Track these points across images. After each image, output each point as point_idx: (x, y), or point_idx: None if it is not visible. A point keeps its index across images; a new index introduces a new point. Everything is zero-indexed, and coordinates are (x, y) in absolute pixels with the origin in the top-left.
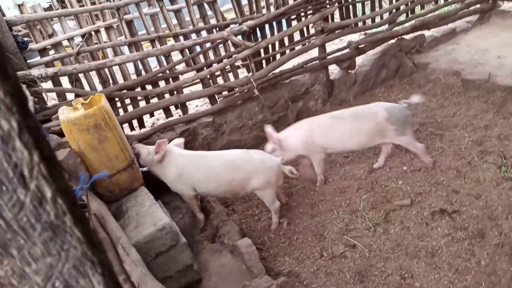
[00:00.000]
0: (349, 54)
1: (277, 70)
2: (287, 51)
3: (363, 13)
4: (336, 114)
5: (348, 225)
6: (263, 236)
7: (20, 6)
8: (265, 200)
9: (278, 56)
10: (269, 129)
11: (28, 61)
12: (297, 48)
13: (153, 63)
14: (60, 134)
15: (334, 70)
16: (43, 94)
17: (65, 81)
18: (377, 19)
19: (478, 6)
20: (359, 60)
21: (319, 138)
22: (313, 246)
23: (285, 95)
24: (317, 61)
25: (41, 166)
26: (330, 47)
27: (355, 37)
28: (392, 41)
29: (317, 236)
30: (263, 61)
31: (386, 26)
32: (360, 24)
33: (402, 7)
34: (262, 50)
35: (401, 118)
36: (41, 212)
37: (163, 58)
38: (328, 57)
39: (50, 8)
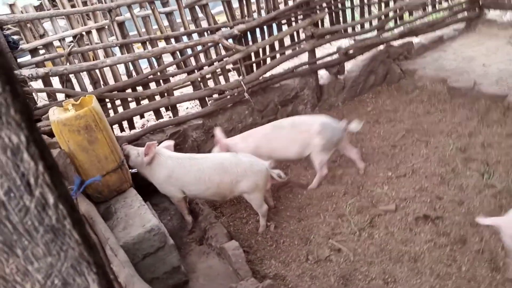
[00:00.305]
0: (338, 60)
1: (267, 74)
2: (278, 56)
3: (353, 19)
4: (277, 124)
5: (334, 229)
6: (251, 239)
7: (11, 6)
8: (253, 203)
9: (268, 60)
10: (218, 132)
11: (18, 60)
12: (287, 52)
13: (144, 64)
14: (50, 134)
15: (323, 75)
16: (34, 94)
17: (55, 82)
18: (366, 25)
19: (465, 14)
20: (348, 65)
21: (264, 148)
22: (299, 250)
23: (275, 99)
24: (307, 66)
25: (45, 175)
26: (320, 51)
27: (344, 42)
28: (381, 47)
29: (303, 239)
30: (254, 65)
31: (375, 32)
32: (349, 30)
33: (391, 14)
34: (252, 54)
35: (332, 136)
36: (44, 216)
37: (154, 60)
38: (317, 62)
39: (41, 6)
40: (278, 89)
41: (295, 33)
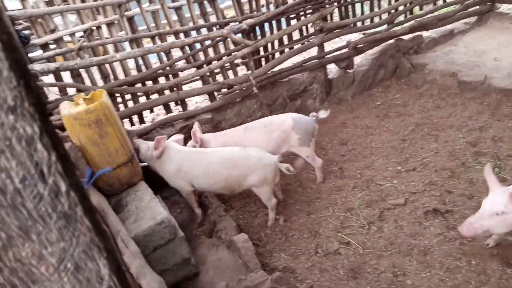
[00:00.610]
0: (347, 54)
1: (276, 69)
2: (286, 50)
3: (362, 13)
4: (249, 126)
5: (343, 223)
6: (260, 232)
7: (23, 1)
8: (261, 196)
9: (277, 54)
10: (196, 126)
11: (30, 55)
12: (296, 47)
13: (153, 59)
14: (61, 128)
15: (332, 69)
16: (45, 88)
17: (66, 76)
18: (376, 19)
19: (476, 7)
20: (357, 59)
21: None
22: (309, 243)
23: (283, 93)
24: (316, 60)
25: (58, 165)
26: (329, 45)
27: (354, 36)
28: (391, 41)
29: (312, 233)
30: (263, 59)
31: (385, 26)
32: (359, 24)
33: (401, 8)
34: (261, 49)
35: (306, 129)
36: (57, 203)
37: (163, 54)
38: (326, 56)
39: (51, 2)
40: (286, 83)
41: (304, 28)
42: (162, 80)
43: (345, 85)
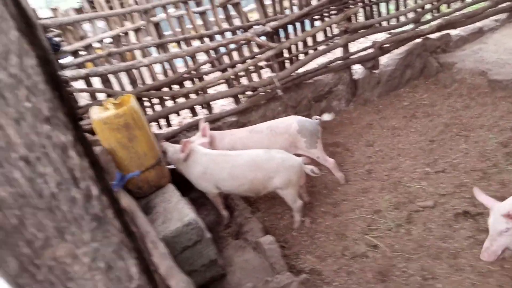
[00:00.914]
0: (373, 54)
1: (300, 70)
2: (311, 51)
3: (388, 12)
4: (254, 128)
5: (370, 225)
6: (286, 234)
7: (54, 10)
8: (286, 199)
9: (301, 56)
10: (206, 124)
11: (60, 61)
12: (320, 48)
13: (179, 63)
14: (91, 132)
15: (358, 69)
16: (75, 94)
17: (96, 82)
18: (402, 19)
19: (506, 4)
20: (383, 59)
21: (239, 149)
22: (335, 245)
23: (308, 95)
24: (341, 61)
25: (90, 170)
26: (355, 46)
27: (380, 36)
28: (417, 40)
29: (339, 235)
30: (287, 62)
31: (411, 25)
32: (384, 23)
33: (427, 6)
34: (285, 51)
35: (311, 131)
36: (89, 206)
37: (189, 58)
38: (351, 56)
39: (81, 10)
40: (311, 84)
41: (328, 28)
42: (188, 84)
43: (371, 86)
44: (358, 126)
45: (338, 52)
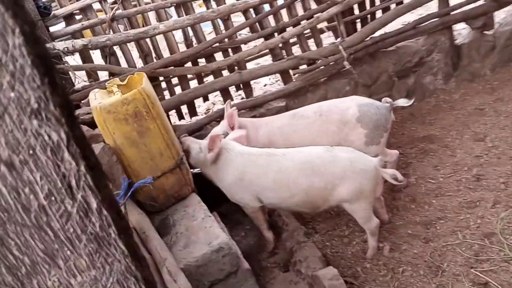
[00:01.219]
0: (484, 8)
1: (376, 34)
2: (392, 6)
3: None
4: (298, 112)
5: (478, 255)
6: (355, 265)
7: None
8: (357, 216)
9: (378, 13)
10: (233, 109)
11: (51, 30)
12: (406, 1)
13: (207, 29)
14: (91, 124)
15: (462, 30)
16: (70, 73)
17: (97, 56)
18: None
19: None
20: (500, 15)
21: (279, 145)
22: (427, 282)
23: (388, 69)
24: (437, 19)
25: (88, 177)
26: None
27: None
28: None
29: (432, 268)
30: (358, 22)
31: None
32: None
33: None
34: (356, 6)
35: (377, 120)
36: (87, 223)
37: (220, 22)
38: (452, 12)
39: None
40: (393, 53)
41: None
42: (219, 56)
43: (481, 54)
44: (462, 112)
45: (433, 6)
